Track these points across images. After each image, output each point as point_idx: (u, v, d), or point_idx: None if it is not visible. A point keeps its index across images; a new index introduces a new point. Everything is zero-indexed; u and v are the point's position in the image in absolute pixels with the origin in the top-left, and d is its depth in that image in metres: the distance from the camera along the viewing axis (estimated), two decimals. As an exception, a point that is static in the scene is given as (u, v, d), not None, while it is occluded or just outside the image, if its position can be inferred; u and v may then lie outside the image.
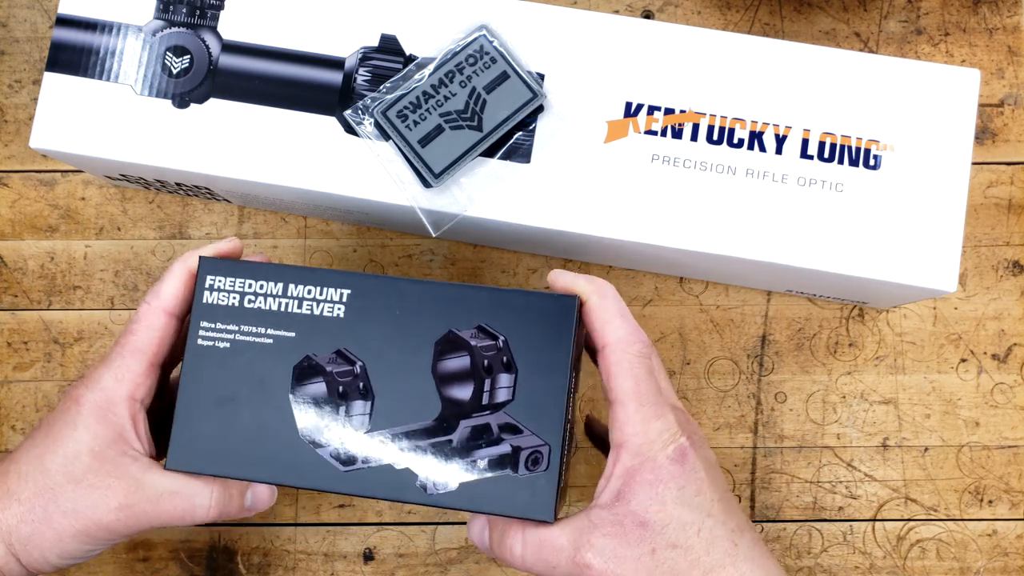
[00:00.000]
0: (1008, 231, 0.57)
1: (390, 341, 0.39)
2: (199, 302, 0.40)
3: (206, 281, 0.40)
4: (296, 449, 0.39)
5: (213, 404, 0.39)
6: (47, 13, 0.58)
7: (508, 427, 0.39)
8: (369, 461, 0.39)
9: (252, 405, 0.39)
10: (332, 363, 0.39)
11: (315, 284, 0.40)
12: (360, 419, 0.39)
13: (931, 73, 0.48)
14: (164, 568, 0.54)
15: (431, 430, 0.39)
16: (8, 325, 0.56)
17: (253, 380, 0.39)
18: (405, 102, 0.47)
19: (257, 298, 0.40)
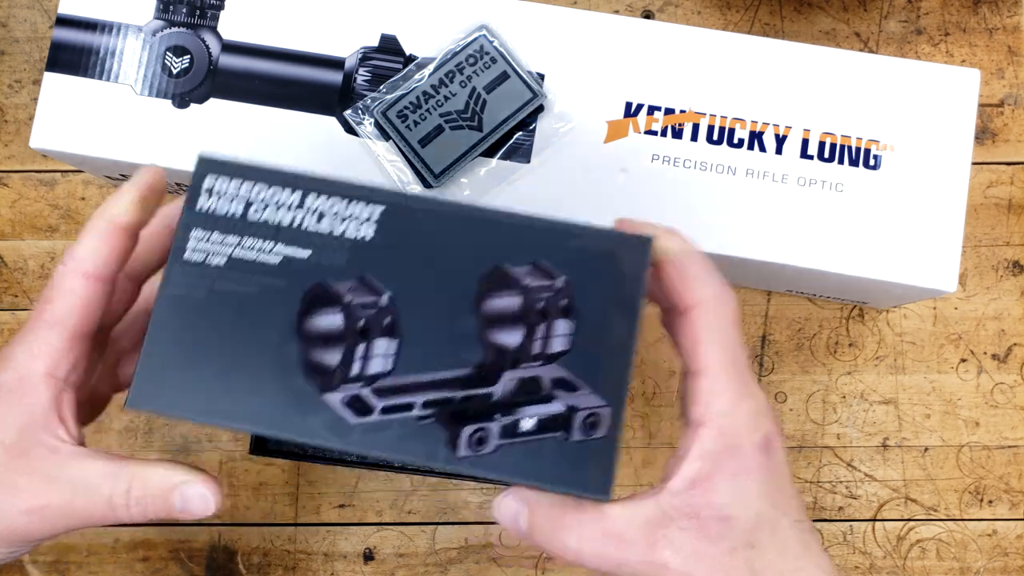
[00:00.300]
0: (1008, 231, 0.57)
1: (426, 272, 0.32)
2: (191, 208, 0.33)
3: (204, 183, 0.33)
4: (297, 393, 0.31)
5: (195, 329, 0.32)
6: (47, 13, 0.58)
7: (562, 383, 0.32)
8: (388, 412, 0.32)
9: (244, 335, 0.32)
10: (353, 292, 0.32)
11: (342, 196, 0.33)
12: (382, 361, 0.32)
13: (931, 73, 0.48)
14: (164, 568, 0.54)
15: (468, 380, 0.32)
16: (8, 325, 0.56)
17: (250, 305, 0.32)
18: (405, 102, 0.47)
19: (267, 208, 0.33)
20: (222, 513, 0.55)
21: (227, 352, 0.32)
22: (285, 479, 0.55)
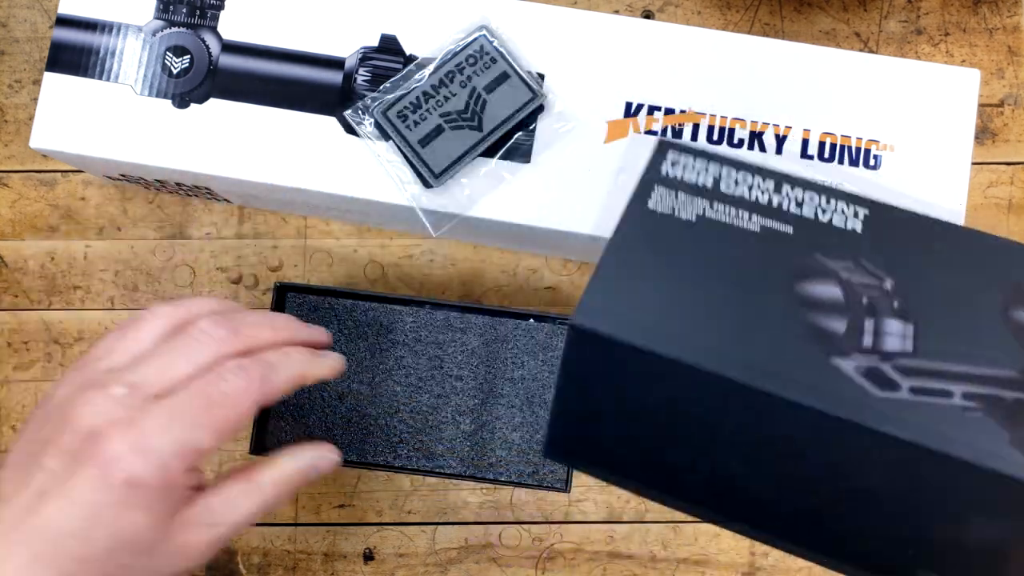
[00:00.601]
0: (1008, 231, 0.57)
1: (930, 273, 0.33)
2: (656, 170, 0.35)
3: (668, 155, 0.36)
4: (800, 351, 0.30)
5: (655, 274, 0.32)
6: (47, 13, 0.58)
7: None
8: (918, 393, 0.29)
9: (715, 286, 0.31)
10: (850, 271, 0.33)
11: (819, 192, 0.36)
12: (899, 340, 0.31)
13: (931, 73, 0.48)
14: (164, 568, 0.54)
15: (1017, 382, 0.30)
16: (8, 325, 0.56)
17: (726, 260, 0.32)
18: (405, 102, 0.47)
19: (738, 186, 0.36)
20: (222, 513, 0.55)
21: (700, 291, 0.31)
22: (285, 479, 0.55)
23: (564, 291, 0.56)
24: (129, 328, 0.40)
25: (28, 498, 0.36)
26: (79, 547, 0.36)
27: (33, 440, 0.38)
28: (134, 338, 0.39)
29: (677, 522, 0.55)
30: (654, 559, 0.55)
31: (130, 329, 0.40)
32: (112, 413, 0.36)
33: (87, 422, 0.36)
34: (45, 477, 0.36)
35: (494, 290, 0.56)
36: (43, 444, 0.37)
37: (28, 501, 0.36)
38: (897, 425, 0.28)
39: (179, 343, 0.38)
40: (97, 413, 0.36)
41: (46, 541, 0.35)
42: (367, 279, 0.57)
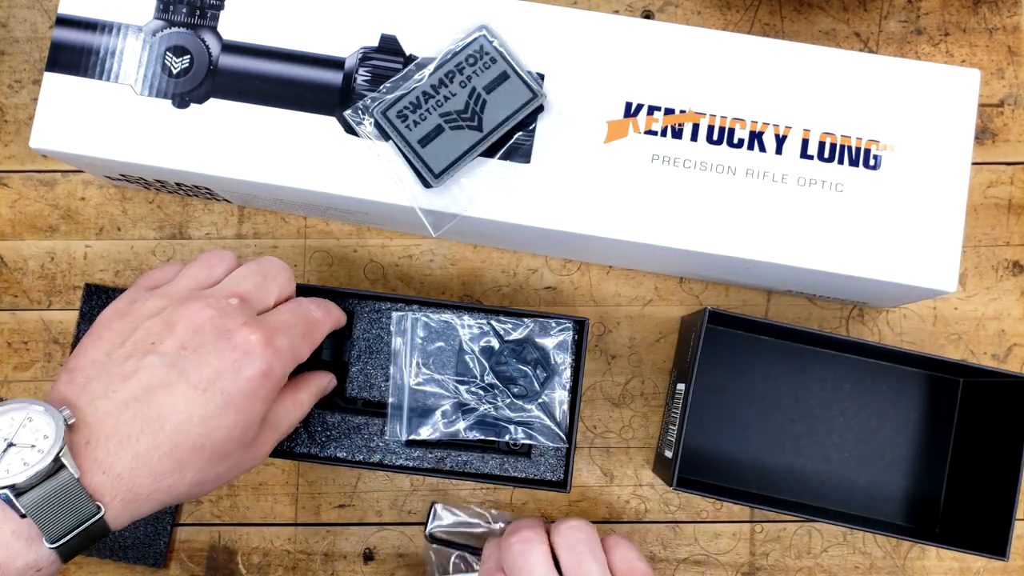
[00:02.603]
0: (1008, 231, 0.57)
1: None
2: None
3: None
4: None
5: None
6: (47, 13, 0.58)
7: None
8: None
9: None
10: None
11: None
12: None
13: (931, 73, 0.48)
14: (164, 568, 0.54)
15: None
16: (8, 325, 0.56)
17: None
18: (405, 102, 0.47)
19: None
20: (221, 513, 0.55)
21: None
22: (285, 479, 0.55)
23: (564, 291, 0.56)
24: (197, 263, 0.44)
25: (134, 391, 0.38)
26: (199, 436, 0.38)
27: (116, 345, 0.40)
28: (206, 269, 0.44)
29: (677, 522, 0.55)
30: (654, 559, 0.55)
31: (197, 264, 0.44)
32: (236, 317, 0.40)
33: (216, 325, 0.40)
34: (160, 373, 0.38)
35: (494, 290, 0.56)
36: (139, 347, 0.39)
37: (135, 394, 0.38)
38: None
39: (255, 276, 0.43)
40: (222, 317, 0.40)
41: (166, 431, 0.38)
42: (367, 279, 0.57)
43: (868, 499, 0.53)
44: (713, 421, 0.54)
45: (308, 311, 0.44)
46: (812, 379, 0.54)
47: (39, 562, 0.35)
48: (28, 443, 0.36)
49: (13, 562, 0.35)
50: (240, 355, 0.39)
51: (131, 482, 0.37)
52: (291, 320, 0.43)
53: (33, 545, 0.35)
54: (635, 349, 0.56)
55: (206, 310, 0.40)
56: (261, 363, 0.40)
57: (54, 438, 0.36)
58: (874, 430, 0.54)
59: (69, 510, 0.35)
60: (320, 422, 0.50)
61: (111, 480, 0.37)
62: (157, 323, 0.40)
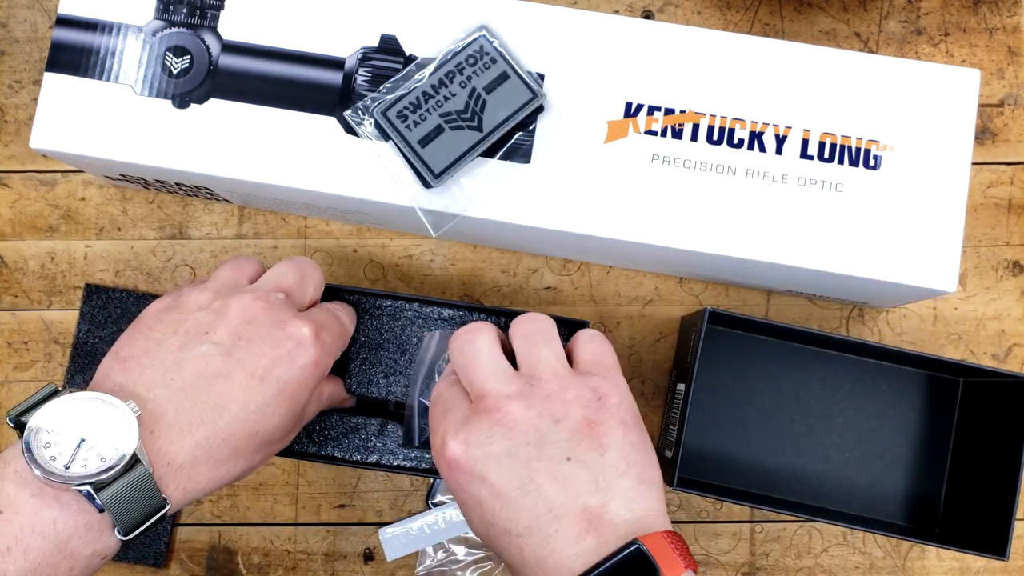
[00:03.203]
0: (1008, 231, 0.57)
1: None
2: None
3: None
4: None
5: None
6: (47, 13, 0.58)
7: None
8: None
9: None
10: None
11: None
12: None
13: (931, 73, 0.48)
14: (164, 568, 0.54)
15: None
16: (8, 325, 0.56)
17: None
18: (405, 102, 0.47)
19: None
20: (221, 513, 0.55)
21: None
22: (285, 479, 0.55)
23: (564, 291, 0.56)
24: (228, 265, 0.45)
25: (191, 379, 0.38)
26: (255, 423, 0.39)
27: (168, 335, 0.40)
28: (237, 271, 0.44)
29: (677, 522, 0.55)
30: (654, 559, 0.55)
31: (224, 266, 0.45)
32: (288, 310, 0.41)
33: (270, 316, 0.41)
34: (216, 362, 0.39)
35: (494, 290, 0.56)
36: (192, 336, 0.40)
37: (193, 381, 0.38)
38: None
39: (294, 273, 0.44)
40: (274, 309, 0.41)
41: (224, 419, 0.38)
42: (367, 279, 0.57)
43: (868, 499, 0.53)
44: (713, 421, 0.54)
45: (338, 314, 0.46)
46: (812, 379, 0.54)
47: (105, 550, 0.36)
48: (101, 438, 0.36)
49: (84, 550, 0.35)
50: (294, 345, 0.40)
51: (192, 471, 0.37)
52: (329, 320, 0.44)
53: (104, 535, 0.36)
54: (635, 349, 0.56)
55: (257, 302, 0.41)
56: (313, 353, 0.41)
57: (132, 434, 0.36)
58: (874, 430, 0.54)
59: (142, 503, 0.36)
60: (318, 421, 0.50)
61: (174, 471, 0.37)
62: (208, 315, 0.41)
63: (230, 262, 0.45)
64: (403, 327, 0.50)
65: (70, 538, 0.35)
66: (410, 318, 0.50)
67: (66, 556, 0.35)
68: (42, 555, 0.34)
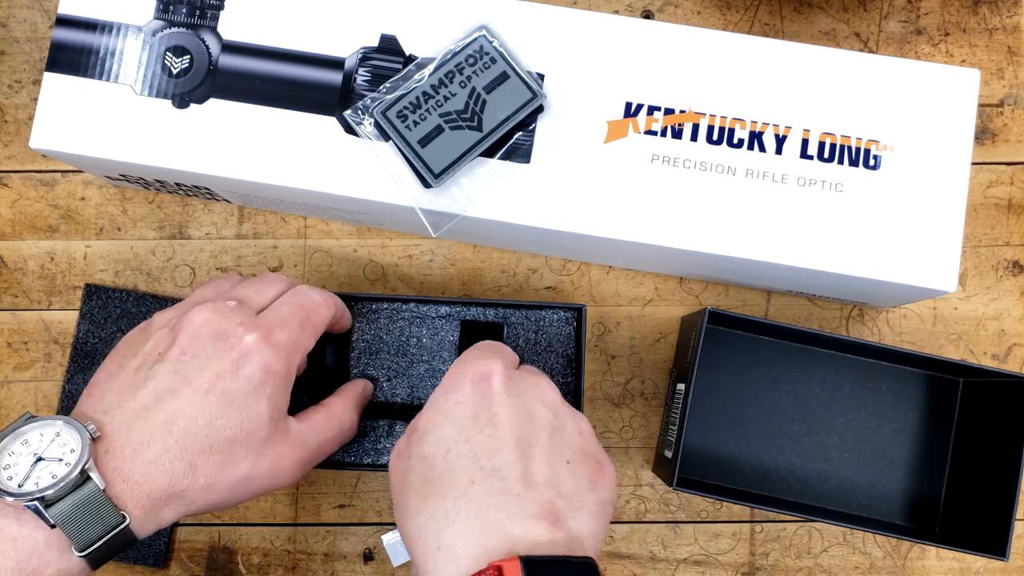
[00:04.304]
0: (1008, 231, 0.57)
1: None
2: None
3: None
4: None
5: None
6: (47, 13, 0.58)
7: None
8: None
9: None
10: None
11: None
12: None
13: (931, 73, 0.48)
14: (164, 568, 0.54)
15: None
16: (8, 325, 0.56)
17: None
18: (405, 102, 0.47)
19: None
20: (221, 513, 0.55)
21: None
22: (285, 479, 0.55)
23: (564, 291, 0.56)
24: (202, 286, 0.45)
25: (144, 400, 0.39)
26: (206, 437, 0.39)
27: (129, 358, 0.41)
28: (212, 286, 0.45)
29: (677, 522, 0.55)
30: (654, 559, 0.55)
31: (203, 286, 0.45)
32: (233, 318, 0.41)
33: (213, 327, 0.40)
34: (164, 380, 0.39)
35: (494, 290, 0.56)
36: (148, 357, 0.41)
37: (144, 403, 0.39)
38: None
39: (255, 282, 0.45)
40: (220, 319, 0.41)
41: (174, 435, 0.39)
42: (367, 279, 0.57)
43: (868, 499, 0.53)
44: (713, 421, 0.54)
45: (305, 296, 0.44)
46: (812, 379, 0.54)
47: (70, 570, 0.36)
48: (56, 457, 0.37)
49: (45, 569, 0.36)
50: (237, 355, 0.40)
51: (148, 487, 0.38)
52: (288, 312, 0.43)
53: (64, 554, 0.36)
54: (635, 349, 0.56)
55: (204, 313, 0.41)
56: (259, 359, 0.40)
57: (80, 451, 0.37)
58: (874, 430, 0.54)
59: (96, 519, 0.36)
60: None
61: (130, 487, 0.38)
62: (164, 333, 0.41)
63: (209, 282, 0.46)
64: (401, 328, 0.50)
65: (30, 555, 0.36)
66: (408, 319, 0.50)
67: (29, 575, 0.35)
68: (3, 573, 0.35)
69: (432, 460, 0.38)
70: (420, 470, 0.38)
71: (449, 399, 0.40)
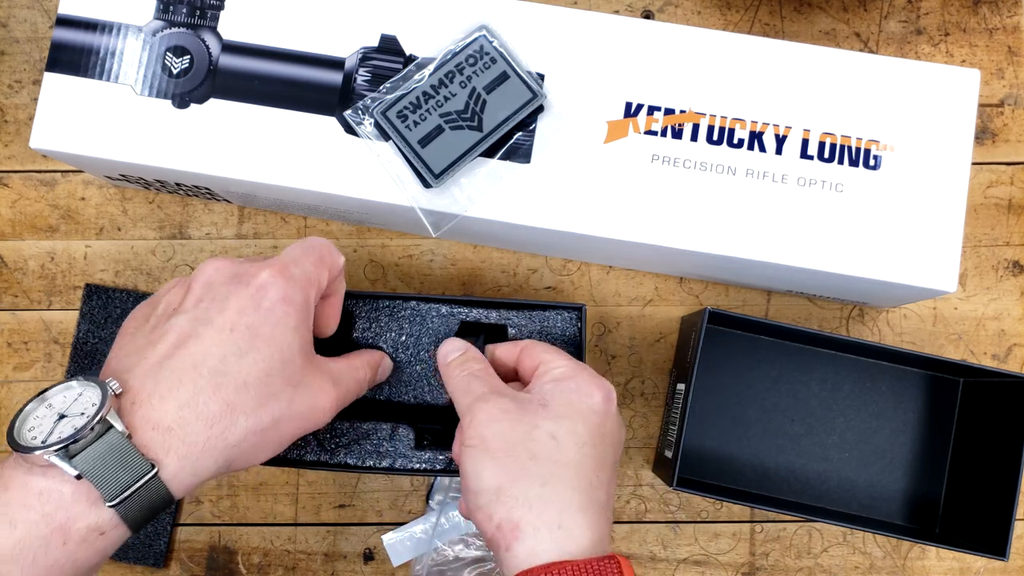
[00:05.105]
0: (1008, 231, 0.57)
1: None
2: None
3: None
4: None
5: None
6: (47, 13, 0.58)
7: None
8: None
9: None
10: None
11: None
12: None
13: (931, 73, 0.48)
14: (164, 568, 0.54)
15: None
16: (8, 325, 0.56)
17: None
18: (405, 102, 0.47)
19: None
20: (221, 513, 0.55)
21: None
22: (285, 479, 0.55)
23: (564, 291, 0.56)
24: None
25: (165, 350, 0.38)
26: (238, 373, 0.38)
27: (142, 323, 0.41)
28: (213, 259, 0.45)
29: (677, 522, 0.55)
30: (654, 559, 0.55)
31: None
32: (244, 263, 0.41)
33: (225, 272, 0.41)
34: (184, 326, 0.39)
35: (494, 290, 0.56)
36: (164, 314, 0.40)
37: (166, 351, 0.38)
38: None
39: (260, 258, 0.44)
40: (231, 265, 0.41)
41: (204, 376, 0.38)
42: (367, 279, 0.57)
43: (868, 499, 0.53)
44: (713, 421, 0.54)
45: (315, 240, 0.44)
46: (812, 379, 0.54)
47: (101, 524, 0.35)
48: (78, 412, 0.36)
49: (74, 522, 0.35)
50: (254, 290, 0.40)
51: (182, 432, 0.37)
52: (299, 252, 0.43)
53: (94, 507, 0.35)
54: (635, 349, 0.56)
55: (213, 263, 0.41)
56: (277, 291, 0.40)
57: (100, 403, 0.36)
58: (874, 430, 0.54)
59: (123, 468, 0.35)
60: (329, 429, 0.49)
61: (162, 434, 0.36)
62: (175, 294, 0.41)
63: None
64: (400, 326, 0.50)
65: (57, 509, 0.35)
66: (409, 317, 0.50)
67: (56, 528, 0.34)
68: (28, 526, 0.34)
69: (563, 446, 0.40)
70: (548, 447, 0.40)
71: (584, 402, 0.42)
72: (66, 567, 0.35)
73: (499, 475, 0.39)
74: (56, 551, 0.34)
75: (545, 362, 0.44)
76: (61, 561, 0.34)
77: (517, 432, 0.40)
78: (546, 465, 0.39)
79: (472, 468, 0.40)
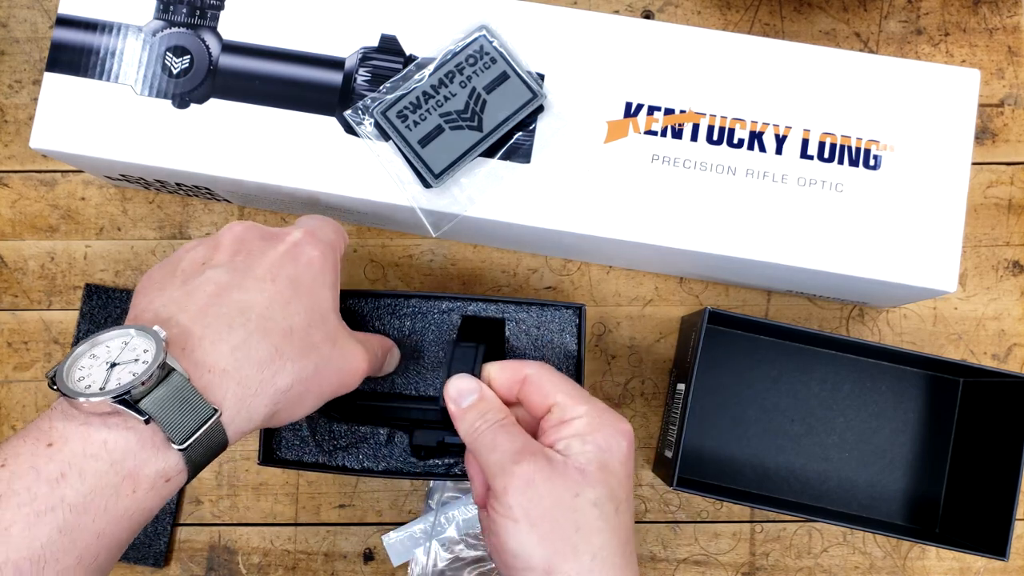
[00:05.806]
0: (1008, 231, 0.57)
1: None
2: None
3: None
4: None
5: None
6: (47, 13, 0.58)
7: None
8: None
9: None
10: None
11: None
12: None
13: (931, 73, 0.48)
14: (164, 568, 0.54)
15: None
16: (8, 325, 0.56)
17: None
18: (405, 102, 0.47)
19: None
20: (221, 513, 0.55)
21: None
22: (285, 479, 0.55)
23: (564, 291, 0.56)
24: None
25: (207, 299, 0.38)
26: (283, 319, 0.38)
27: (169, 273, 0.40)
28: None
29: (677, 522, 0.55)
30: (654, 559, 0.55)
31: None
32: (270, 228, 0.42)
33: (255, 232, 0.41)
34: (223, 277, 0.38)
35: (494, 290, 0.56)
36: (193, 266, 0.40)
37: (209, 300, 0.38)
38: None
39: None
40: (257, 227, 0.42)
41: (253, 321, 0.38)
42: (367, 279, 0.57)
43: (868, 499, 0.53)
44: (713, 421, 0.54)
45: (322, 217, 0.45)
46: (812, 379, 0.54)
47: (168, 470, 0.35)
48: (131, 359, 0.35)
49: (143, 468, 0.34)
50: (289, 246, 0.40)
51: (237, 375, 0.36)
52: (318, 222, 0.44)
53: (161, 451, 0.34)
54: (635, 349, 0.56)
55: (240, 224, 0.42)
56: (313, 248, 0.41)
57: (156, 349, 0.35)
58: (874, 430, 0.54)
59: (188, 411, 0.35)
60: (327, 431, 0.49)
61: (218, 377, 0.36)
62: (199, 252, 0.41)
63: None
64: (401, 323, 0.50)
65: (124, 456, 0.34)
66: (410, 314, 0.50)
67: (125, 476, 0.34)
68: (98, 476, 0.33)
69: (605, 513, 0.39)
70: (591, 516, 0.39)
71: (614, 457, 0.40)
72: (135, 515, 0.34)
73: (548, 554, 0.38)
74: (126, 499, 0.34)
75: (560, 406, 0.41)
76: (131, 509, 0.34)
77: (560, 503, 0.39)
78: (592, 537, 0.38)
79: (517, 544, 0.39)
